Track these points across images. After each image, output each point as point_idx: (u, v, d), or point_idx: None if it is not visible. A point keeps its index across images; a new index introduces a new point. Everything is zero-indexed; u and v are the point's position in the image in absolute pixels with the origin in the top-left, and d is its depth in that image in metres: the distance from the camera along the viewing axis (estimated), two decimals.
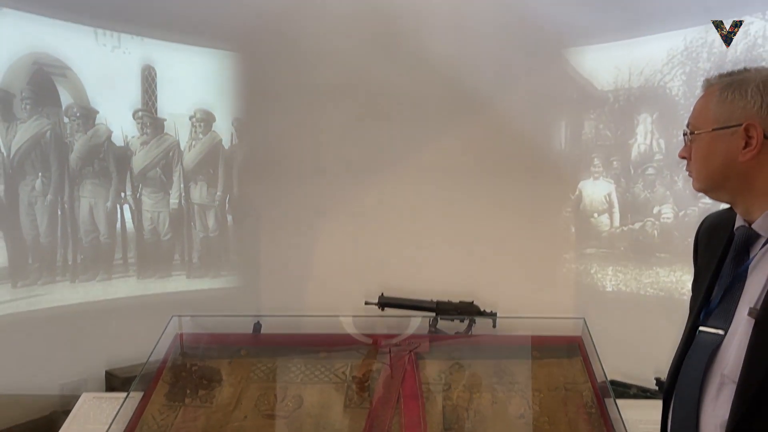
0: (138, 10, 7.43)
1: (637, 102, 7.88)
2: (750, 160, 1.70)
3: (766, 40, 6.22)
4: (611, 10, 7.52)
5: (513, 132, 8.23)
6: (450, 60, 8.18)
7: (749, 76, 1.75)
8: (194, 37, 8.03)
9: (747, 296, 1.73)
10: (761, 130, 1.68)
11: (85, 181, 7.50)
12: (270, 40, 8.01)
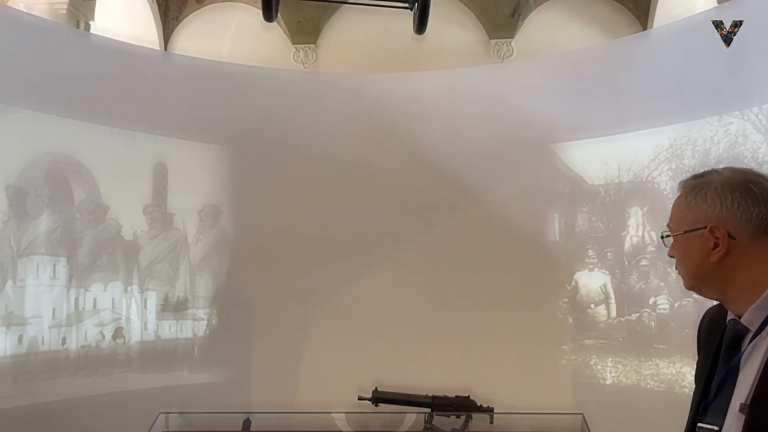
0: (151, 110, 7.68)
1: (627, 196, 8.06)
2: (721, 260, 1.76)
3: (746, 138, 6.46)
4: (596, 108, 7.85)
5: (507, 223, 8.34)
6: (442, 153, 8.42)
7: (711, 179, 1.85)
8: (203, 134, 8.28)
9: (739, 391, 1.74)
10: (725, 231, 1.75)
11: (93, 275, 7.53)
12: (269, 135, 8.28)
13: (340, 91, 9.05)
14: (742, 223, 1.73)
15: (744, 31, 6.52)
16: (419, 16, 6.38)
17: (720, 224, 1.76)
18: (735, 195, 1.75)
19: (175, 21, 13.70)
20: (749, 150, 6.37)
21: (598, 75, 8.03)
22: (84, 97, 7.27)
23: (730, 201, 1.75)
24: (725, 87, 6.62)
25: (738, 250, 1.75)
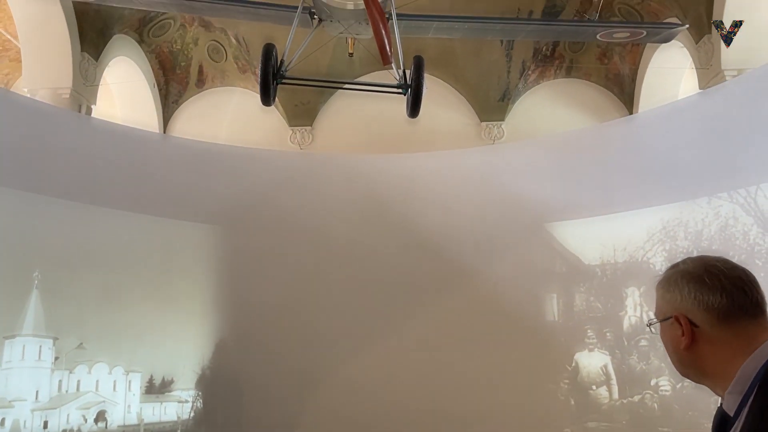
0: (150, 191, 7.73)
1: (624, 276, 8.06)
2: (689, 348, 1.79)
3: (736, 220, 6.57)
4: (588, 188, 7.99)
5: (503, 303, 8.28)
6: (436, 232, 8.47)
7: (676, 271, 1.90)
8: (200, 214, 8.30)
9: None
10: (686, 320, 1.79)
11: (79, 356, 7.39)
12: (265, 215, 8.33)
13: (335, 171, 9.20)
14: (700, 312, 1.78)
15: (726, 116, 6.77)
16: (412, 101, 6.59)
17: (682, 313, 1.80)
18: (690, 285, 1.80)
19: (175, 104, 14.08)
20: (740, 232, 6.46)
21: (588, 156, 8.22)
22: (83, 179, 7.36)
23: (687, 291, 1.80)
24: (712, 169, 6.78)
25: (703, 338, 1.78)
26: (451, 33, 8.02)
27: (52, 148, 7.12)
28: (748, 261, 6.31)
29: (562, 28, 8.73)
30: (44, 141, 7.09)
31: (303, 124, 14.06)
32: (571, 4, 12.36)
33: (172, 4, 7.89)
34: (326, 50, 12.38)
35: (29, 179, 6.80)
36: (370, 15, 5.23)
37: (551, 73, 13.89)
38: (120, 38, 11.59)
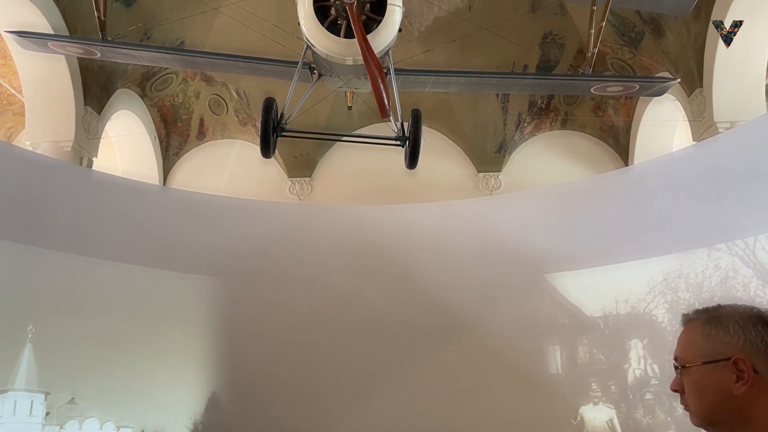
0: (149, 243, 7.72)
1: (627, 328, 7.99)
2: (744, 393, 1.68)
3: (736, 272, 6.55)
4: (587, 239, 8.01)
5: (504, 354, 8.17)
6: (435, 283, 8.42)
7: (727, 312, 1.80)
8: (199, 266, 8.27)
9: None
10: (750, 364, 1.68)
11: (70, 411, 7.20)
12: (264, 267, 8.30)
13: (334, 222, 9.22)
14: (765, 357, 1.68)
15: (721, 168, 6.85)
16: (410, 153, 6.66)
17: (745, 357, 1.69)
18: (758, 328, 1.71)
19: (175, 157, 14.22)
20: (740, 284, 6.43)
21: (586, 207, 8.26)
22: (82, 231, 7.37)
23: (754, 334, 1.70)
24: (709, 221, 6.81)
25: (760, 385, 1.67)
26: (447, 87, 8.18)
27: (52, 200, 7.15)
28: None
29: (557, 82, 8.93)
30: (44, 194, 7.13)
31: (302, 175, 14.17)
32: (565, 59, 12.66)
33: (176, 60, 8.08)
34: (325, 103, 12.60)
35: (28, 232, 6.80)
36: (368, 70, 5.34)
37: (547, 125, 14.10)
38: (123, 92, 11.79)
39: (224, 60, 7.38)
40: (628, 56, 11.78)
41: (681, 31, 10.16)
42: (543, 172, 13.74)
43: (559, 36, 12.38)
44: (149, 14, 10.54)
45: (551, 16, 12.02)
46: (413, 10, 12.13)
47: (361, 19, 5.16)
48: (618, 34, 11.34)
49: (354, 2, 5.05)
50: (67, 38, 8.49)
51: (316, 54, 6.00)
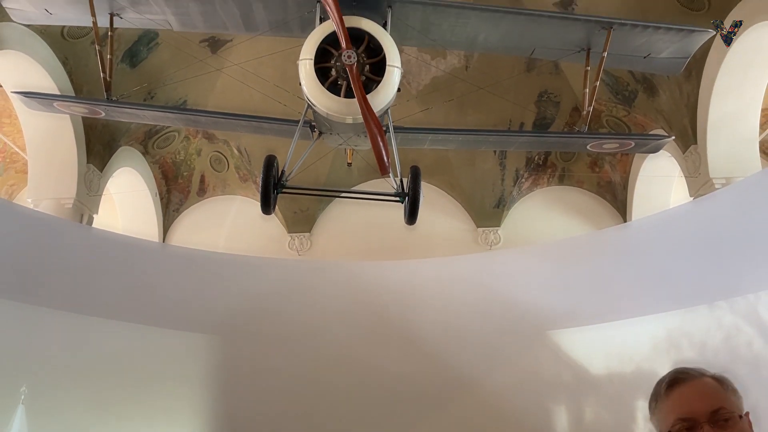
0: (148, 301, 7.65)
1: (632, 387, 7.80)
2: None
3: (739, 330, 6.49)
4: (587, 295, 7.95)
5: (506, 414, 7.98)
6: (436, 340, 8.31)
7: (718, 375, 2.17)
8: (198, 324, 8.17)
9: None
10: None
11: None
12: (263, 324, 8.20)
13: (333, 279, 9.17)
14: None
15: (719, 225, 6.88)
16: (410, 209, 6.70)
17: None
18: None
19: (175, 213, 14.30)
20: (744, 342, 6.35)
21: (587, 264, 8.24)
22: (80, 289, 7.31)
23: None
24: (709, 277, 6.78)
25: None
26: (446, 144, 8.30)
27: (50, 258, 7.14)
28: (753, 372, 6.15)
29: (553, 139, 9.08)
30: (43, 251, 7.12)
31: (302, 231, 14.22)
32: (561, 117, 12.91)
33: (178, 119, 8.22)
34: (326, 160, 12.77)
35: (25, 290, 6.75)
36: (368, 129, 5.43)
37: (544, 181, 14.25)
38: (125, 150, 11.97)
39: (226, 119, 7.51)
40: (622, 114, 12.02)
41: (673, 90, 10.41)
42: (542, 227, 13.80)
43: (554, 94, 12.67)
44: (154, 74, 10.81)
45: (546, 76, 12.33)
46: (412, 70, 12.46)
47: (361, 80, 5.29)
48: (612, 93, 11.61)
49: (354, 64, 5.18)
50: (73, 98, 8.67)
51: (316, 113, 6.12)
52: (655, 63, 6.81)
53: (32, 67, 9.07)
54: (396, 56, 5.48)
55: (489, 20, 6.40)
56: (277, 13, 6.40)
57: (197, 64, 9.99)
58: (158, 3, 6.32)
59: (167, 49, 10.69)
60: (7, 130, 12.28)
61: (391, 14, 6.11)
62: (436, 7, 6.40)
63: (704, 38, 6.41)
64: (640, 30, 6.29)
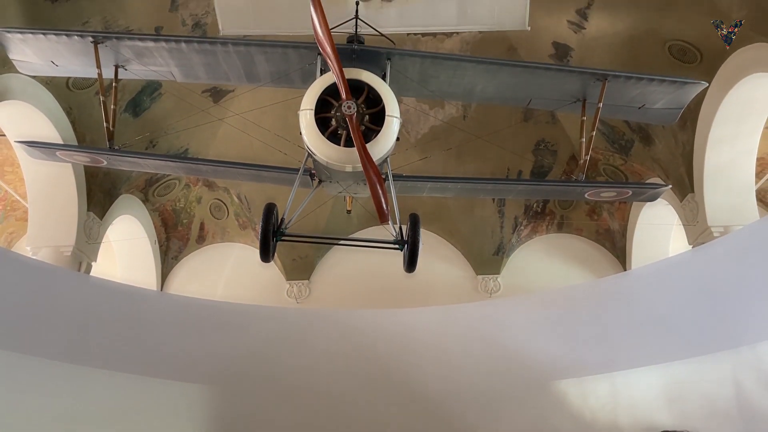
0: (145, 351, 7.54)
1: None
2: None
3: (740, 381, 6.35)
4: (589, 345, 7.86)
5: None
6: (435, 390, 8.18)
7: None
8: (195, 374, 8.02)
9: None
10: None
11: None
12: (261, 374, 8.07)
13: (332, 327, 9.08)
14: None
15: (719, 273, 6.87)
16: (409, 256, 6.68)
17: None
18: None
19: (174, 260, 14.27)
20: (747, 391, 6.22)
21: (587, 313, 8.17)
22: (76, 338, 7.22)
23: None
24: (710, 327, 6.71)
25: None
26: (444, 192, 8.35)
27: (47, 307, 7.07)
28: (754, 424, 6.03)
29: (551, 187, 9.14)
30: (40, 300, 7.06)
31: (300, 278, 14.17)
32: (558, 165, 13.05)
33: (179, 167, 8.29)
34: (325, 207, 12.83)
35: (22, 340, 6.65)
36: (367, 178, 5.48)
37: (543, 229, 14.28)
38: (126, 198, 12.03)
39: (227, 167, 7.58)
40: (619, 162, 12.15)
41: (669, 140, 10.55)
42: (542, 275, 13.76)
43: (551, 143, 12.84)
44: (156, 124, 10.97)
45: (543, 125, 12.52)
46: (410, 120, 12.65)
47: (360, 130, 5.37)
48: (608, 142, 11.76)
49: (354, 114, 5.27)
50: (75, 147, 8.77)
51: (316, 161, 6.18)
52: (650, 113, 6.92)
53: (36, 116, 9.20)
54: (395, 106, 5.57)
55: (486, 72, 6.53)
56: (279, 65, 6.54)
57: (199, 113, 10.15)
58: (162, 55, 6.47)
59: (170, 99, 10.88)
60: (9, 179, 12.37)
61: (390, 66, 6.25)
62: (434, 60, 6.55)
63: (697, 90, 6.53)
64: (634, 81, 6.41)
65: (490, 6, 8.69)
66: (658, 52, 9.59)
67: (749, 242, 6.72)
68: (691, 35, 9.09)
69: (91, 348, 7.21)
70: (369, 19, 7.41)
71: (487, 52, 11.12)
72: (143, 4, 9.63)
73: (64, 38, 6.31)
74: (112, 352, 7.35)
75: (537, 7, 9.10)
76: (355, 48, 6.17)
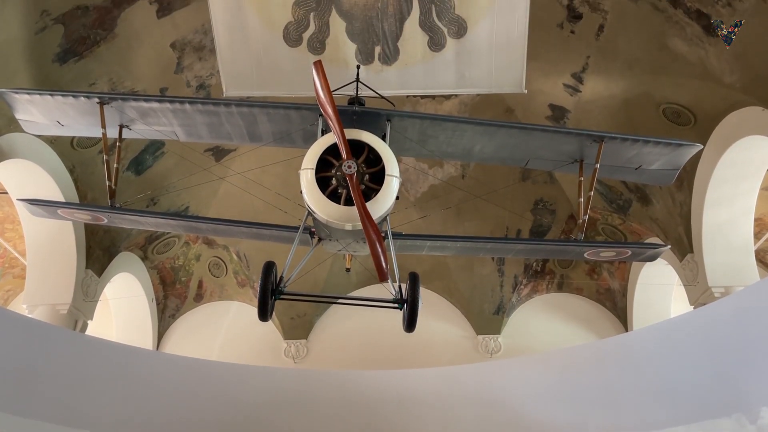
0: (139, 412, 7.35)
1: None
2: None
3: None
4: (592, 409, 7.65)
5: None
6: None
7: None
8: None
9: None
10: None
11: None
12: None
13: (330, 388, 8.87)
14: None
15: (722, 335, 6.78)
16: (408, 316, 6.61)
17: None
18: None
19: (171, 318, 14.13)
20: None
21: (590, 375, 8.01)
22: (70, 400, 7.04)
23: None
24: (714, 391, 6.57)
25: None
26: (444, 251, 8.35)
27: (40, 367, 6.94)
28: None
29: (550, 247, 9.15)
30: (34, 359, 6.93)
31: (298, 337, 14.00)
32: (557, 224, 13.11)
33: (179, 225, 8.32)
34: (324, 265, 12.82)
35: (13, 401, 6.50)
36: (367, 236, 5.50)
37: (543, 288, 14.22)
38: (125, 255, 12.02)
39: (227, 225, 7.61)
40: (618, 222, 12.22)
41: (666, 200, 10.65)
42: (543, 335, 13.62)
43: (550, 202, 12.95)
44: (158, 182, 11.08)
45: (541, 184, 12.66)
46: (410, 179, 12.80)
47: (360, 189, 5.43)
48: (607, 201, 11.86)
49: (354, 173, 5.34)
50: (77, 205, 8.83)
51: (316, 219, 6.21)
52: (647, 174, 7.00)
53: (40, 174, 9.30)
54: (394, 166, 5.64)
55: (484, 133, 6.64)
56: (281, 125, 6.67)
57: (201, 171, 10.28)
58: (166, 115, 6.60)
59: (172, 158, 11.03)
60: (9, 236, 12.40)
61: (390, 127, 6.38)
62: (432, 121, 6.68)
63: (692, 152, 6.62)
64: (630, 143, 6.51)
65: (487, 70, 8.93)
66: (653, 114, 9.79)
67: (751, 304, 6.67)
68: (684, 98, 9.31)
69: (84, 409, 7.03)
70: (369, 82, 7.60)
71: (485, 113, 11.37)
72: (149, 67, 9.90)
73: (70, 99, 6.45)
74: (105, 414, 7.16)
75: (533, 71, 9.35)
76: (356, 110, 6.31)
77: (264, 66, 9.02)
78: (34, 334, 7.43)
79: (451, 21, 8.68)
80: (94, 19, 8.85)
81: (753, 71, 8.08)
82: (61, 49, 8.75)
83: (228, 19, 8.64)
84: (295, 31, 8.85)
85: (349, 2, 8.67)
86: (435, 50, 8.92)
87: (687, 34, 8.54)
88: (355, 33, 8.86)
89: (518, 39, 8.61)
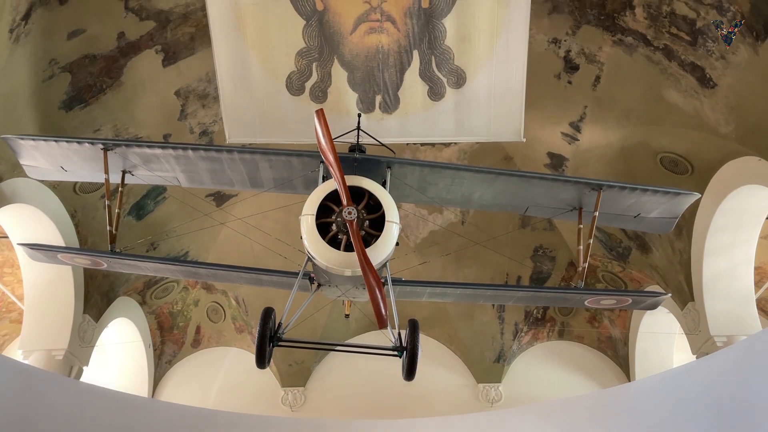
0: None
1: None
2: None
3: None
4: None
5: None
6: None
7: None
8: None
9: None
10: None
11: None
12: None
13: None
14: None
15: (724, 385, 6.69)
16: (408, 364, 6.52)
17: None
18: None
19: (168, 365, 13.92)
20: None
21: (591, 425, 7.88)
22: None
23: None
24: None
25: None
26: (443, 297, 8.31)
27: (35, 414, 6.81)
28: None
29: (551, 294, 9.08)
30: (28, 406, 6.81)
31: (296, 385, 13.77)
32: (557, 271, 13.07)
33: (179, 270, 8.29)
34: (323, 311, 12.72)
35: None
36: (367, 283, 5.48)
37: (544, 335, 14.08)
38: (123, 300, 11.93)
39: (226, 271, 7.59)
40: (618, 269, 12.19)
41: (666, 247, 10.65)
42: (544, 383, 13.41)
43: (549, 249, 12.94)
44: (158, 227, 11.10)
45: (541, 231, 12.68)
46: (410, 225, 12.83)
47: (360, 235, 5.44)
48: (606, 249, 11.86)
49: (354, 219, 5.37)
50: (77, 250, 8.83)
51: (316, 265, 6.20)
52: (645, 222, 7.03)
53: (41, 219, 9.32)
54: (394, 212, 5.67)
55: (483, 181, 6.70)
56: (282, 172, 6.73)
57: (202, 217, 10.30)
58: (169, 162, 6.67)
59: (173, 203, 11.08)
60: (8, 280, 12.34)
61: (390, 174, 6.44)
62: (432, 168, 6.75)
63: (690, 200, 6.66)
64: (628, 192, 6.56)
65: (486, 119, 9.06)
66: (651, 163, 9.89)
67: (754, 354, 6.60)
68: (681, 148, 9.42)
69: None
70: (370, 130, 7.70)
71: (484, 161, 11.48)
72: (154, 114, 10.05)
73: (75, 145, 6.53)
74: None
75: (532, 120, 9.49)
76: (356, 157, 6.38)
77: (267, 114, 9.14)
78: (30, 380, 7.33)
79: (450, 71, 8.85)
80: (101, 67, 9.03)
81: (748, 122, 8.20)
82: (67, 96, 8.90)
83: (232, 68, 8.81)
84: (298, 80, 9.02)
85: (351, 53, 8.86)
86: (435, 100, 9.07)
87: (682, 86, 8.71)
88: (356, 82, 9.03)
89: (516, 89, 8.76)
